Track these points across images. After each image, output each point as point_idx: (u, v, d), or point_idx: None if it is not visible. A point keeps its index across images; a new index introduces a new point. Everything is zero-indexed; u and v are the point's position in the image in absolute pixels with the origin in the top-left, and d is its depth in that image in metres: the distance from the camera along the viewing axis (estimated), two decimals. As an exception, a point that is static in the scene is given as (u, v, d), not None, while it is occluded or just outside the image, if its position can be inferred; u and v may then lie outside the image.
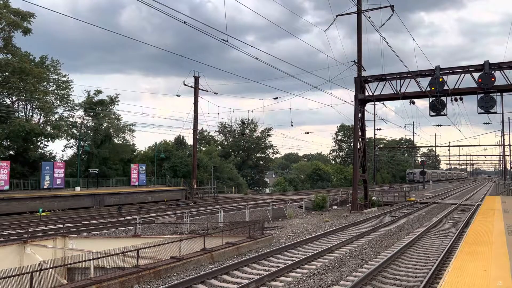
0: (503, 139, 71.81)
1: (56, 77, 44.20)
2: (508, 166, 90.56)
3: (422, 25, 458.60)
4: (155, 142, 62.13)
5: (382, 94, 32.18)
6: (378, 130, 70.72)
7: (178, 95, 47.53)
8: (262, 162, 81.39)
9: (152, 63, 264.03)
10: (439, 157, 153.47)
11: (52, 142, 43.63)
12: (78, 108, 46.58)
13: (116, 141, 51.77)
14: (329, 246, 15.40)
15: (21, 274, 11.07)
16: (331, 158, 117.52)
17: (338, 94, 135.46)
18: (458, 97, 29.94)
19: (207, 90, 46.96)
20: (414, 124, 72.19)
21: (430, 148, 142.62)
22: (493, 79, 27.72)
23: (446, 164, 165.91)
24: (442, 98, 29.70)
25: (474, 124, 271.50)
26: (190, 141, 54.38)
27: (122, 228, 21.83)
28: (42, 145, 43.73)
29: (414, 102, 32.18)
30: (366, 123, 34.93)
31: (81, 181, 41.48)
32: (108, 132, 49.70)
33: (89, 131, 48.57)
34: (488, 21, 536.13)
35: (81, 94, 61.02)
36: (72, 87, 45.26)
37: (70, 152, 49.51)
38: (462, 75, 29.14)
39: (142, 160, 53.78)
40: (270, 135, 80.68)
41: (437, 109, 29.89)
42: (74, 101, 45.81)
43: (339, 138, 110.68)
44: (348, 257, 13.83)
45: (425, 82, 30.23)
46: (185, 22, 12.57)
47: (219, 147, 76.27)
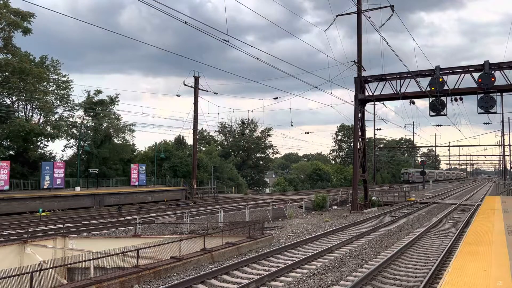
0: (503, 139, 71.87)
1: (56, 77, 44.20)
2: (508, 166, 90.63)
3: (422, 25, 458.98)
4: (155, 142, 62.19)
5: (382, 94, 32.21)
6: (378, 130, 70.81)
7: (178, 95, 47.59)
8: (262, 162, 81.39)
9: (152, 63, 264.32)
10: (439, 157, 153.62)
11: (52, 142, 43.72)
12: (78, 108, 46.63)
13: (116, 141, 51.78)
14: (329, 246, 15.40)
15: (21, 274, 11.08)
16: (331, 158, 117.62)
17: (338, 94, 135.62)
18: (458, 97, 29.96)
19: (207, 90, 47.05)
20: (414, 124, 72.31)
21: (430, 148, 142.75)
22: (493, 79, 27.74)
23: (446, 164, 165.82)
24: (442, 98, 29.71)
25: (474, 124, 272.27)
26: (190, 141, 54.47)
27: (122, 228, 21.83)
28: (42, 145, 43.76)
29: (414, 102, 32.22)
30: (366, 123, 35.00)
31: (81, 181, 41.49)
32: (108, 132, 49.71)
33: (89, 131, 48.58)
34: (488, 21, 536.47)
35: (81, 94, 61.13)
36: (72, 87, 45.30)
37: (70, 152, 49.62)
38: (462, 75, 29.16)
39: (142, 160, 53.78)
40: (270, 135, 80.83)
41: (437, 109, 29.90)
42: (74, 101, 45.88)
43: (339, 138, 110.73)
44: (348, 257, 13.84)
45: (425, 82, 30.29)
46: (186, 22, 12.56)
47: (219, 147, 76.28)
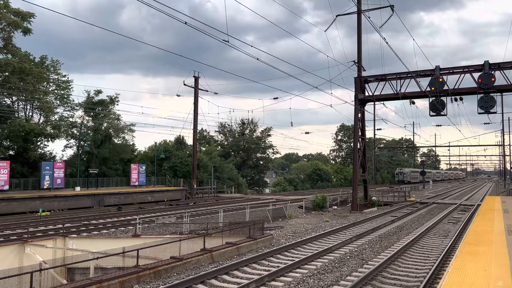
0: (503, 139, 71.89)
1: (56, 77, 44.21)
2: (508, 166, 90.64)
3: (422, 25, 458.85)
4: (155, 142, 62.17)
5: (382, 94, 32.21)
6: (378, 130, 70.83)
7: (178, 95, 47.57)
8: (262, 162, 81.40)
9: (152, 63, 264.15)
10: (439, 157, 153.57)
11: (52, 142, 43.73)
12: (78, 108, 46.64)
13: (116, 141, 51.78)
14: (329, 246, 15.39)
15: (21, 274, 11.08)
16: (331, 158, 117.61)
17: (338, 94, 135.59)
18: (458, 97, 29.96)
19: (207, 90, 47.05)
20: (414, 124, 72.30)
21: (430, 148, 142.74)
22: (493, 79, 27.74)
23: (446, 164, 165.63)
24: (442, 98, 29.71)
25: (474, 124, 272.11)
26: (190, 141, 54.47)
27: (122, 228, 21.82)
28: (42, 145, 43.76)
29: (414, 102, 32.22)
30: (366, 123, 35.02)
31: (81, 181, 41.48)
32: (108, 132, 49.71)
33: (89, 131, 48.58)
34: (487, 21, 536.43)
35: (81, 94, 61.24)
36: (72, 87, 45.32)
37: (70, 152, 49.62)
38: (462, 75, 29.16)
39: (142, 160, 53.78)
40: (270, 135, 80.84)
41: (437, 109, 29.90)
42: (74, 101, 45.89)
43: (339, 138, 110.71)
44: (348, 257, 13.84)
45: (425, 82, 30.29)
46: (186, 23, 12.56)
47: (219, 147, 76.28)
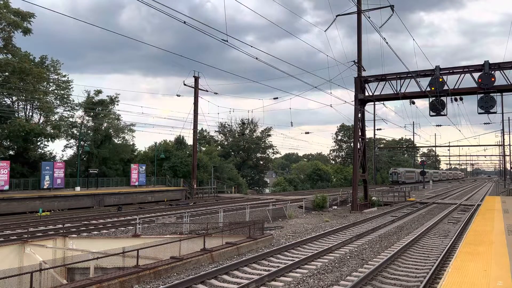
0: (503, 139, 71.89)
1: (56, 77, 44.20)
2: (508, 166, 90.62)
3: (422, 25, 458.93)
4: (155, 142, 62.15)
5: (382, 94, 32.21)
6: (378, 130, 70.87)
7: (178, 95, 47.54)
8: (262, 162, 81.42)
9: (152, 63, 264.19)
10: (439, 157, 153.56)
11: (52, 142, 43.71)
12: (78, 108, 46.62)
13: (116, 141, 51.77)
14: (329, 246, 15.39)
15: (21, 274, 11.07)
16: (331, 158, 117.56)
17: (338, 94, 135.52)
18: (458, 97, 29.97)
19: (207, 90, 47.04)
20: (414, 124, 72.32)
21: (430, 148, 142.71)
22: (493, 79, 27.74)
23: (446, 164, 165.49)
24: (442, 98, 29.71)
25: (474, 124, 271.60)
26: (190, 141, 54.44)
27: (122, 228, 21.82)
28: (42, 145, 43.74)
29: (414, 102, 32.22)
30: (366, 123, 35.03)
31: (81, 181, 41.46)
32: (108, 132, 49.70)
33: (89, 131, 48.57)
34: (487, 21, 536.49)
35: (81, 94, 61.27)
36: (72, 87, 45.31)
37: (70, 152, 49.60)
38: (462, 75, 29.17)
39: (142, 160, 53.77)
40: (270, 135, 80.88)
41: (437, 109, 29.90)
42: (74, 101, 45.86)
43: (339, 138, 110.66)
44: (348, 257, 13.84)
45: (425, 82, 30.30)
46: (185, 22, 12.56)
47: (219, 147, 76.28)
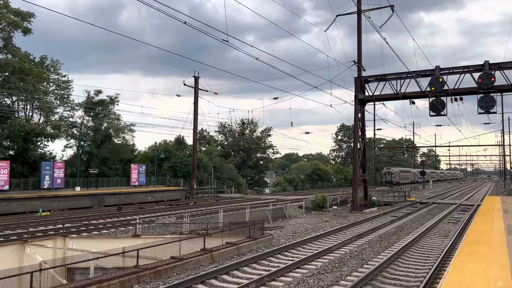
0: (503, 139, 71.98)
1: (56, 77, 44.25)
2: (508, 166, 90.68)
3: (422, 25, 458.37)
4: (155, 142, 62.18)
5: (382, 94, 32.21)
6: (378, 130, 70.91)
7: (178, 95, 47.41)
8: (262, 162, 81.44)
9: (152, 63, 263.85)
10: (439, 157, 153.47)
11: (52, 142, 43.76)
12: (78, 108, 46.67)
13: (116, 141, 51.80)
14: (329, 246, 15.39)
15: (21, 274, 11.07)
16: (331, 158, 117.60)
17: (338, 94, 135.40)
18: (458, 97, 29.96)
19: (207, 90, 47.01)
20: (414, 124, 72.26)
21: (430, 148, 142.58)
22: (493, 79, 27.74)
23: (446, 164, 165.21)
24: (442, 98, 29.72)
25: (474, 124, 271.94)
26: (190, 141, 54.45)
27: (122, 228, 21.83)
28: (42, 145, 43.76)
29: (414, 102, 32.22)
30: (366, 123, 35.01)
31: (81, 181, 41.47)
32: (108, 132, 49.71)
33: (89, 131, 48.58)
34: (487, 21, 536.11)
35: (81, 94, 61.06)
36: (72, 87, 45.38)
37: (70, 152, 49.65)
38: (462, 75, 29.17)
39: (142, 160, 53.78)
40: (270, 135, 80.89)
41: (437, 109, 29.90)
42: (74, 101, 45.93)
43: (339, 138, 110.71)
44: (348, 257, 13.83)
45: (425, 82, 30.30)
46: (185, 22, 12.56)
47: (219, 147, 76.30)
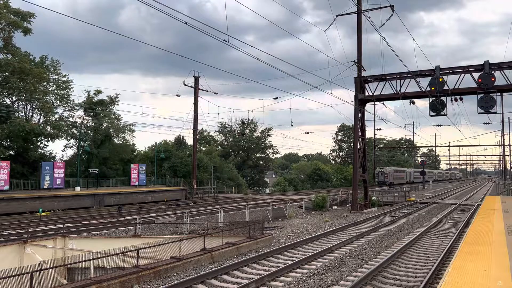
0: (503, 139, 71.96)
1: (56, 77, 44.21)
2: (508, 166, 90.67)
3: (422, 25, 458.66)
4: (155, 142, 62.20)
5: (382, 94, 32.21)
6: (378, 130, 70.61)
7: (178, 95, 47.53)
8: (262, 162, 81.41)
9: (151, 63, 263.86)
10: (439, 157, 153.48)
11: (52, 142, 43.75)
12: (78, 108, 46.65)
13: (116, 141, 51.77)
14: (329, 246, 15.39)
15: (21, 274, 11.07)
16: (331, 158, 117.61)
17: (338, 94, 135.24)
18: (458, 97, 29.96)
19: (207, 90, 47.03)
20: (414, 124, 72.22)
21: (430, 148, 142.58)
22: (493, 79, 27.74)
23: (446, 164, 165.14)
24: (442, 98, 29.72)
25: (474, 124, 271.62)
26: (190, 141, 54.46)
27: (122, 228, 21.83)
28: (42, 145, 43.74)
29: (414, 102, 32.23)
30: (366, 123, 35.01)
31: (81, 181, 41.47)
32: (108, 132, 49.70)
33: (89, 131, 48.58)
34: (487, 21, 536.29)
35: (81, 94, 61.07)
36: (72, 87, 45.32)
37: (70, 152, 49.63)
38: (462, 75, 29.17)
39: (142, 160, 53.76)
40: (270, 135, 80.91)
41: (437, 109, 29.90)
42: (74, 101, 45.90)
43: (339, 138, 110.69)
44: (348, 257, 13.84)
45: (425, 82, 30.31)
46: (186, 23, 12.56)
47: (219, 147, 76.31)
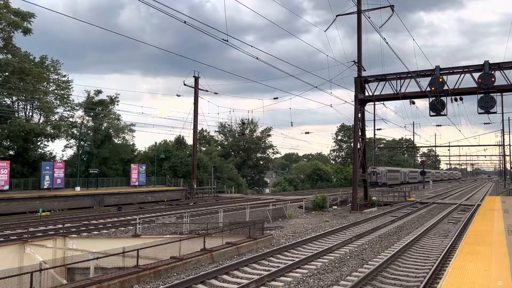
0: (503, 139, 71.93)
1: (56, 77, 44.24)
2: (508, 166, 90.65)
3: (422, 25, 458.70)
4: (155, 142, 62.19)
5: (382, 94, 32.21)
6: (378, 130, 70.36)
7: (178, 95, 47.56)
8: (262, 162, 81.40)
9: (151, 63, 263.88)
10: (439, 157, 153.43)
11: (52, 142, 43.76)
12: (78, 108, 46.67)
13: (116, 141, 51.77)
14: (329, 246, 15.39)
15: (21, 274, 11.06)
16: (331, 158, 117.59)
17: (338, 94, 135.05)
18: (458, 97, 29.95)
19: (207, 90, 47.03)
20: (414, 124, 72.10)
21: (430, 148, 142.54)
22: (493, 79, 27.74)
23: (446, 164, 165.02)
24: (442, 98, 29.71)
25: (474, 124, 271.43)
26: (190, 141, 54.46)
27: (122, 228, 21.83)
28: (42, 145, 43.74)
29: (414, 102, 32.22)
30: (366, 123, 34.99)
31: (81, 181, 41.46)
32: (108, 132, 49.70)
33: (89, 131, 48.58)
34: (487, 21, 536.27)
35: (81, 94, 61.06)
36: (72, 87, 45.36)
37: (70, 152, 49.64)
38: (462, 75, 29.16)
39: (142, 160, 53.76)
40: (270, 135, 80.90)
41: (437, 109, 29.90)
42: (74, 101, 45.92)
43: (339, 138, 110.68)
44: (348, 257, 13.83)
45: (425, 82, 30.30)
46: (185, 22, 12.56)
47: (219, 147, 76.31)
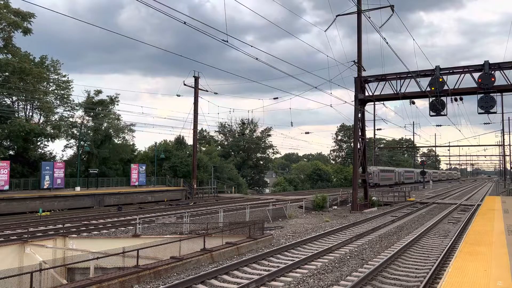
0: (503, 139, 71.84)
1: (56, 77, 44.19)
2: (508, 166, 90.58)
3: (422, 25, 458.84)
4: (155, 142, 62.14)
5: (382, 94, 32.21)
6: (378, 130, 70.27)
7: (178, 95, 47.56)
8: (262, 162, 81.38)
9: (151, 63, 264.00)
10: (439, 157, 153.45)
11: (52, 142, 43.74)
12: (78, 108, 46.64)
13: (116, 141, 51.75)
14: (329, 246, 15.39)
15: (21, 274, 11.07)
16: (331, 158, 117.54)
17: (338, 94, 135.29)
18: (458, 97, 29.97)
19: (207, 90, 47.04)
20: (414, 124, 72.04)
21: (430, 148, 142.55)
22: (493, 79, 27.74)
23: (446, 164, 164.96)
24: (442, 98, 29.72)
25: (474, 124, 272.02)
26: (190, 141, 54.44)
27: (122, 228, 21.83)
28: (42, 145, 43.74)
29: (414, 102, 32.23)
30: (366, 123, 34.98)
31: (81, 181, 41.46)
32: (108, 132, 49.69)
33: (89, 131, 48.56)
34: (487, 21, 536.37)
35: (81, 94, 61.16)
36: (72, 87, 45.31)
37: (70, 152, 49.61)
38: (462, 75, 29.17)
39: (142, 160, 53.76)
40: (270, 135, 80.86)
41: (437, 109, 29.90)
42: (74, 101, 45.88)
43: (339, 138, 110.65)
44: (348, 257, 13.84)
45: (425, 82, 30.30)
46: (185, 23, 12.56)
47: (219, 147, 76.30)
